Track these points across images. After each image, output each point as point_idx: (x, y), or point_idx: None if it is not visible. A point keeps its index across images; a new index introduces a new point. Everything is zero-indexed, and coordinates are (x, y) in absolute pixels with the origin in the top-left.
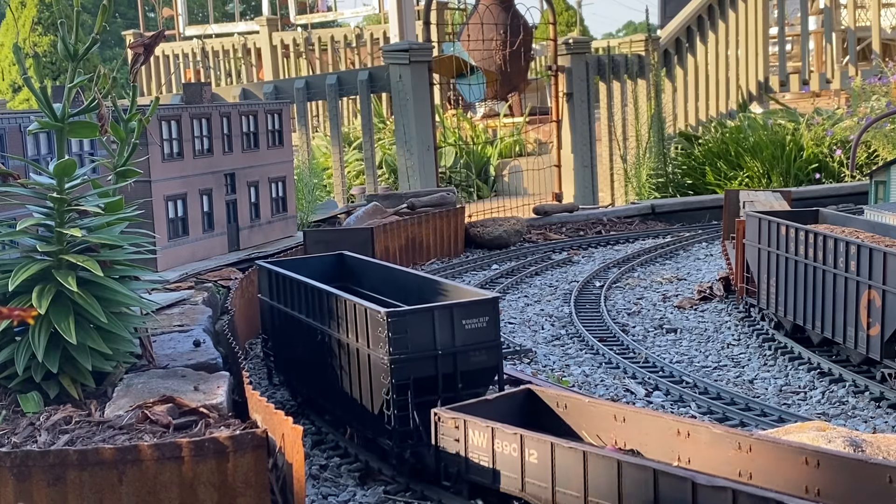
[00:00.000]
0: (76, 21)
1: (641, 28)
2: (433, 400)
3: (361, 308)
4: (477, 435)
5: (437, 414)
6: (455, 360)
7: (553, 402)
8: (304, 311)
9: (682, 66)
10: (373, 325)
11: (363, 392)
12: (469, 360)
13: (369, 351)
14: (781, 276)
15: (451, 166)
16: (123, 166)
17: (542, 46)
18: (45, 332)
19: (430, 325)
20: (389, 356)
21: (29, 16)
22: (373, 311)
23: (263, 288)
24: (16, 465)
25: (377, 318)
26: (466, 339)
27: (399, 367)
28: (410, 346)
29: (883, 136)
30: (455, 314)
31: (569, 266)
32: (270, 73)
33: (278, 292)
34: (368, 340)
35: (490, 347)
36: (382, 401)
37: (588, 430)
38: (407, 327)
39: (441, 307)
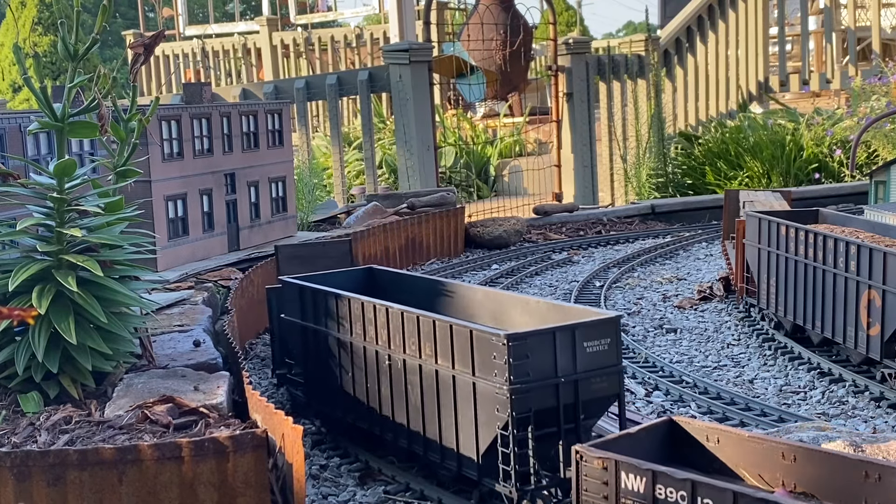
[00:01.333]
0: (76, 21)
1: (641, 28)
2: (552, 434)
3: (463, 330)
4: (631, 479)
5: (579, 452)
6: (576, 388)
7: (702, 436)
8: (362, 333)
9: (682, 66)
10: (482, 349)
11: (462, 426)
12: (590, 388)
13: (474, 379)
14: (781, 276)
15: (451, 166)
16: (123, 166)
17: (542, 46)
18: (45, 332)
19: (551, 349)
20: (510, 385)
21: (29, 16)
22: (484, 333)
23: (288, 307)
24: (16, 465)
25: (491, 341)
26: (588, 363)
27: (520, 397)
28: (532, 373)
29: (883, 136)
30: (577, 336)
31: (569, 266)
32: (270, 73)
33: (317, 312)
34: (473, 367)
35: (611, 373)
36: (495, 436)
37: (747, 468)
38: (528, 351)
39: (563, 328)
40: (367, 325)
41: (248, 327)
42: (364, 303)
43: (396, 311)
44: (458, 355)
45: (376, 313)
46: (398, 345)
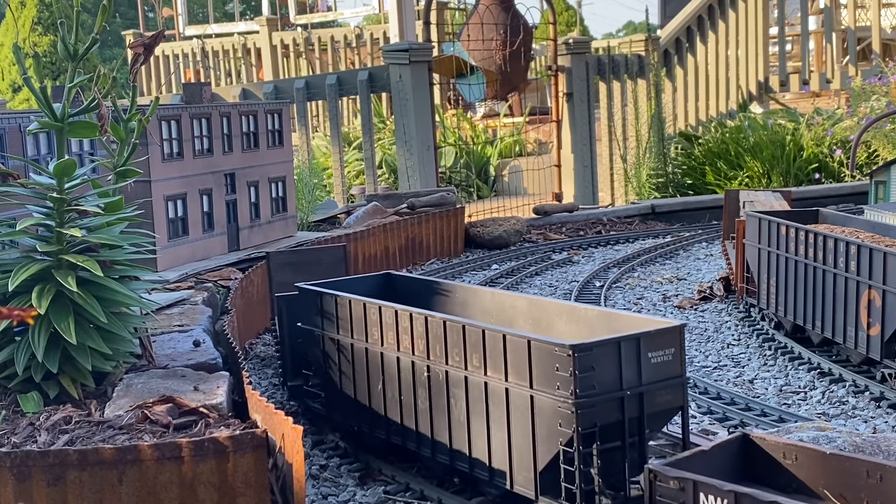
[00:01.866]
0: (76, 21)
1: (641, 28)
2: (615, 449)
3: (519, 340)
4: (711, 500)
5: (653, 472)
6: (641, 401)
7: (778, 453)
8: (395, 343)
9: (682, 66)
10: (542, 360)
11: (515, 442)
12: (655, 401)
13: (531, 392)
14: (781, 276)
15: (451, 166)
16: (123, 166)
17: (542, 46)
18: (44, 332)
19: (616, 360)
20: (576, 398)
21: (29, 16)
22: (546, 343)
23: (305, 315)
24: (16, 465)
25: (554, 352)
26: (652, 375)
27: (586, 412)
28: (597, 385)
29: (883, 136)
30: (642, 346)
31: (569, 266)
32: (270, 73)
33: (340, 321)
34: (531, 379)
35: (675, 385)
36: (556, 453)
37: (829, 488)
38: (593, 363)
39: (627, 338)
40: (402, 334)
41: (248, 327)
42: (398, 311)
43: (437, 320)
44: (512, 367)
45: (413, 322)
46: (438, 355)
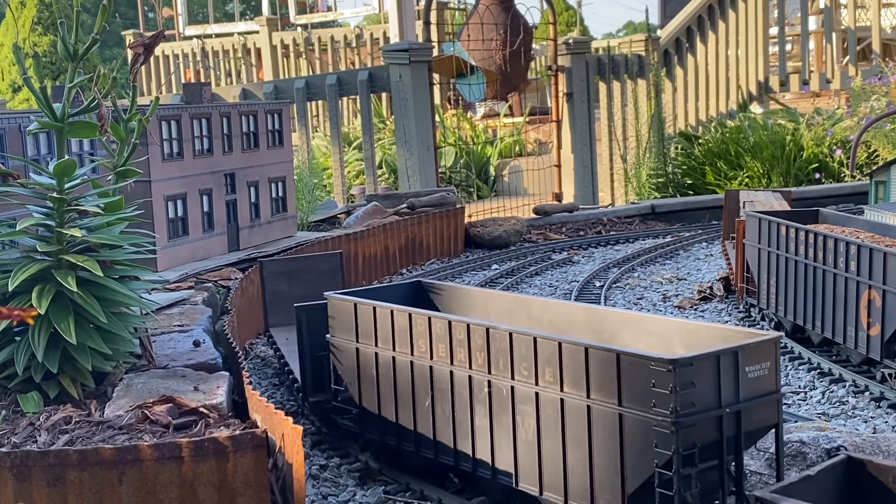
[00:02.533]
0: (76, 21)
1: (641, 28)
2: (710, 471)
3: (605, 354)
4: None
5: (761, 500)
6: (739, 419)
7: (887, 477)
8: (448, 357)
9: (682, 66)
10: (634, 376)
11: (598, 464)
12: (751, 419)
13: (620, 410)
14: (781, 276)
15: (451, 166)
16: (123, 166)
17: (542, 46)
18: (44, 332)
19: (715, 376)
20: (676, 417)
21: (29, 16)
22: (639, 358)
23: (337, 326)
24: (16, 465)
25: (650, 367)
26: (750, 391)
27: (686, 431)
28: (697, 403)
29: (883, 136)
30: (739, 360)
31: (569, 266)
32: (270, 73)
33: (380, 332)
34: (619, 397)
35: (771, 402)
36: (650, 476)
37: None
38: (693, 379)
39: (726, 352)
40: (457, 346)
41: (248, 327)
42: (452, 322)
43: (503, 332)
44: (595, 383)
45: (471, 334)
46: (502, 370)
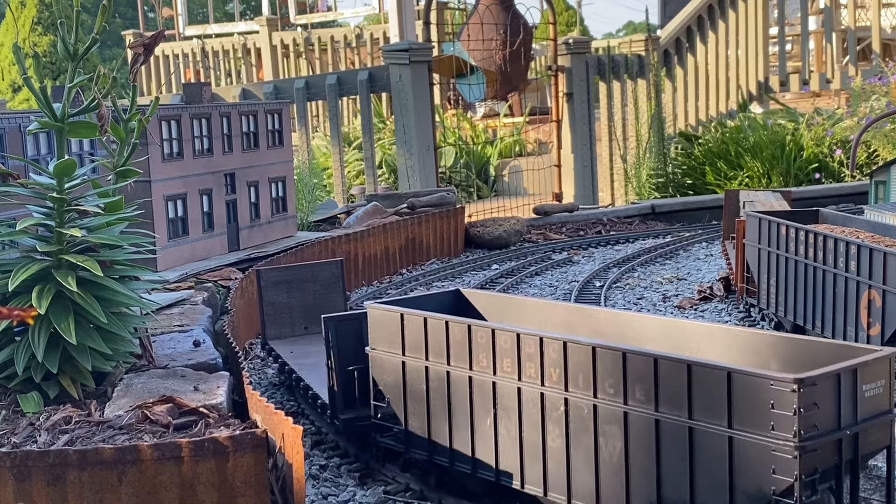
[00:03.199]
0: (76, 21)
1: (641, 28)
2: (828, 498)
3: (712, 372)
4: None
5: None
6: (856, 441)
7: None
8: (515, 372)
9: (682, 66)
10: (749, 395)
11: (700, 491)
12: (868, 441)
13: (729, 433)
14: (781, 276)
15: (451, 166)
16: (123, 166)
17: (542, 46)
18: (44, 332)
19: (835, 395)
20: (799, 441)
21: (29, 16)
22: (755, 376)
23: (380, 338)
24: (16, 465)
25: (769, 386)
26: (866, 411)
27: (810, 456)
28: (819, 425)
29: (883, 136)
30: (858, 378)
31: (569, 266)
32: (270, 73)
33: (431, 345)
34: (729, 418)
35: (885, 422)
36: None
37: None
38: (816, 399)
39: (846, 370)
40: (526, 361)
41: (248, 327)
42: (521, 335)
43: (584, 346)
44: (699, 403)
45: (544, 348)
46: (581, 387)
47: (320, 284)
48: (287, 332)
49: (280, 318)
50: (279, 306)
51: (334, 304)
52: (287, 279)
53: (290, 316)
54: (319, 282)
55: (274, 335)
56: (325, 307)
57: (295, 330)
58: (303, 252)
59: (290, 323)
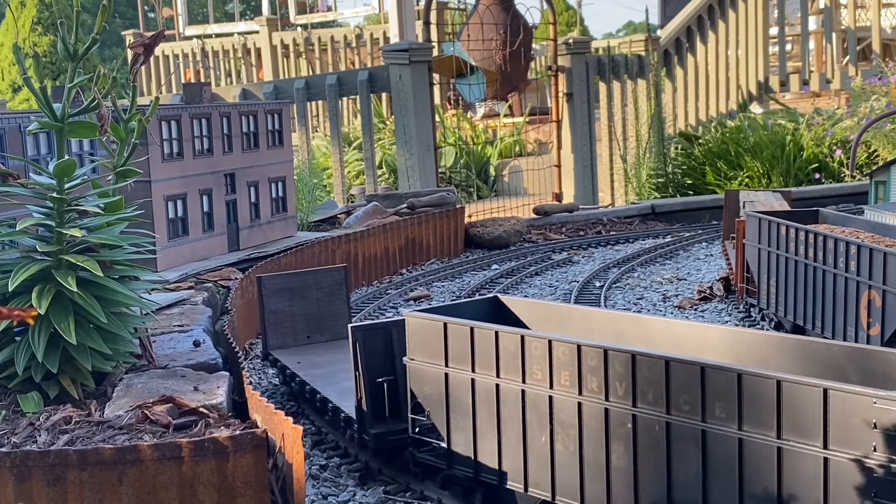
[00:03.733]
0: (76, 21)
1: (641, 28)
2: None
3: (807, 390)
4: None
5: None
6: None
7: None
8: (575, 385)
9: (682, 66)
10: (848, 413)
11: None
12: None
13: (825, 454)
14: (781, 276)
15: (451, 166)
16: (123, 166)
17: (542, 46)
18: (44, 332)
19: None
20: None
21: (29, 16)
22: (856, 393)
23: (419, 348)
24: (16, 465)
25: (871, 404)
26: None
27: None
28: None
29: (883, 136)
30: None
31: (569, 266)
32: (270, 73)
33: (478, 356)
34: (825, 439)
35: None
36: None
37: None
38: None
39: None
40: (588, 375)
41: (248, 327)
42: (583, 347)
43: (655, 360)
44: (789, 421)
45: (608, 361)
46: (651, 402)
47: (323, 292)
48: (290, 341)
49: (282, 326)
50: (281, 315)
51: (337, 312)
52: (290, 286)
53: (292, 325)
54: (322, 289)
55: (276, 345)
56: (329, 315)
57: (298, 339)
58: (303, 252)
59: (292, 332)
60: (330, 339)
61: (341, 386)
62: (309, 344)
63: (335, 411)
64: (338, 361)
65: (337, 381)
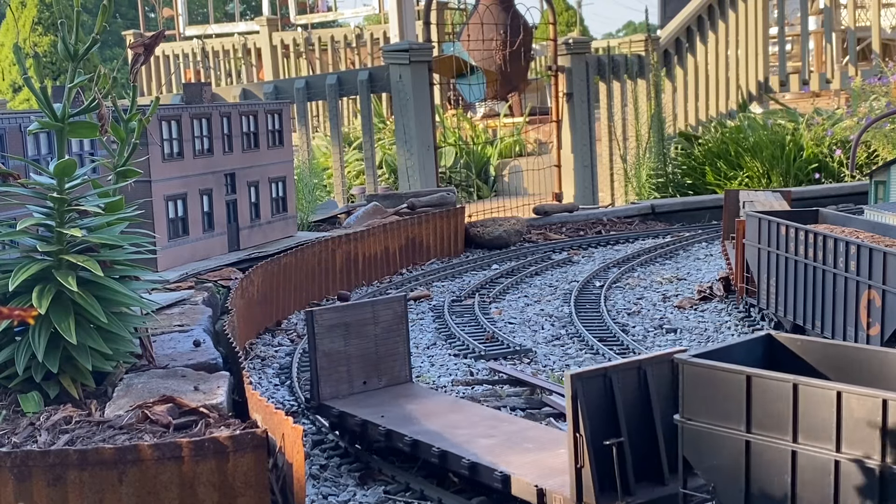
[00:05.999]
0: (76, 21)
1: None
2: None
3: None
4: None
5: None
6: None
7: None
8: None
9: (682, 66)
10: None
11: None
12: None
13: None
14: (781, 276)
15: (451, 166)
16: (123, 166)
17: (542, 46)
18: (45, 332)
19: None
20: None
21: (29, 16)
22: None
23: (704, 402)
24: (16, 465)
25: None
26: None
27: None
28: None
29: (883, 136)
30: None
31: (569, 266)
32: (270, 73)
33: (809, 422)
34: None
35: None
36: None
37: None
38: None
39: None
40: None
41: (248, 327)
42: None
43: None
44: None
45: None
46: None
47: (381, 327)
48: (344, 389)
49: (336, 371)
50: (335, 357)
51: (396, 351)
52: (345, 321)
53: (347, 368)
54: (380, 324)
55: (330, 394)
56: (387, 355)
57: (353, 386)
58: (303, 252)
59: (347, 377)
60: (388, 385)
61: (479, 445)
62: (366, 391)
63: (504, 480)
64: (431, 414)
65: (462, 439)
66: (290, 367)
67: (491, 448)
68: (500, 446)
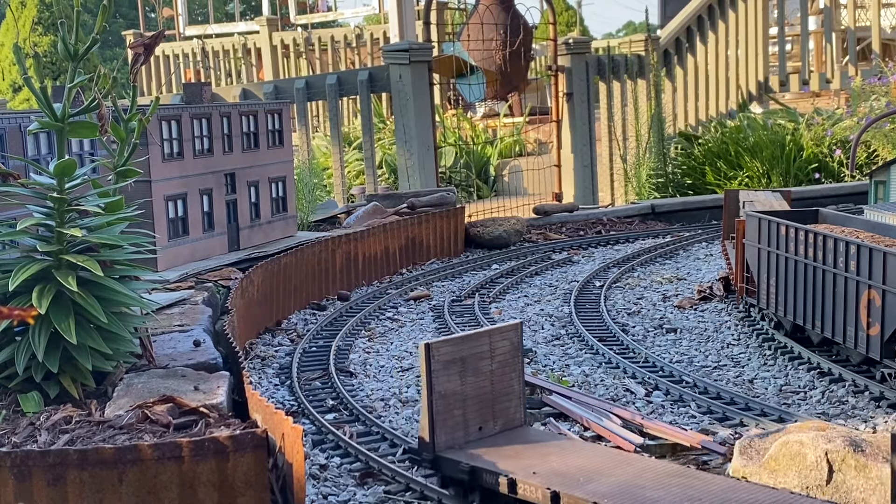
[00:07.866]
0: (76, 21)
1: (641, 28)
2: None
3: None
4: None
5: None
6: None
7: None
8: None
9: (682, 66)
10: None
11: None
12: None
13: None
14: (781, 276)
15: (451, 166)
16: (123, 166)
17: (542, 46)
18: (45, 332)
19: None
20: None
21: (29, 16)
22: None
23: None
24: (16, 465)
25: None
26: None
27: None
28: None
29: (883, 136)
30: None
31: (569, 266)
32: (270, 73)
33: None
34: None
35: None
36: None
37: None
38: None
39: None
40: None
41: (248, 327)
42: None
43: None
44: None
45: None
46: None
47: (497, 362)
48: (460, 436)
49: (451, 416)
50: (451, 398)
51: (510, 390)
52: (461, 356)
53: (462, 412)
54: (496, 358)
55: (445, 443)
56: (501, 395)
57: (469, 433)
58: (303, 252)
59: (462, 423)
60: (503, 429)
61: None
62: (482, 437)
63: None
64: (593, 471)
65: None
66: (290, 367)
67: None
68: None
